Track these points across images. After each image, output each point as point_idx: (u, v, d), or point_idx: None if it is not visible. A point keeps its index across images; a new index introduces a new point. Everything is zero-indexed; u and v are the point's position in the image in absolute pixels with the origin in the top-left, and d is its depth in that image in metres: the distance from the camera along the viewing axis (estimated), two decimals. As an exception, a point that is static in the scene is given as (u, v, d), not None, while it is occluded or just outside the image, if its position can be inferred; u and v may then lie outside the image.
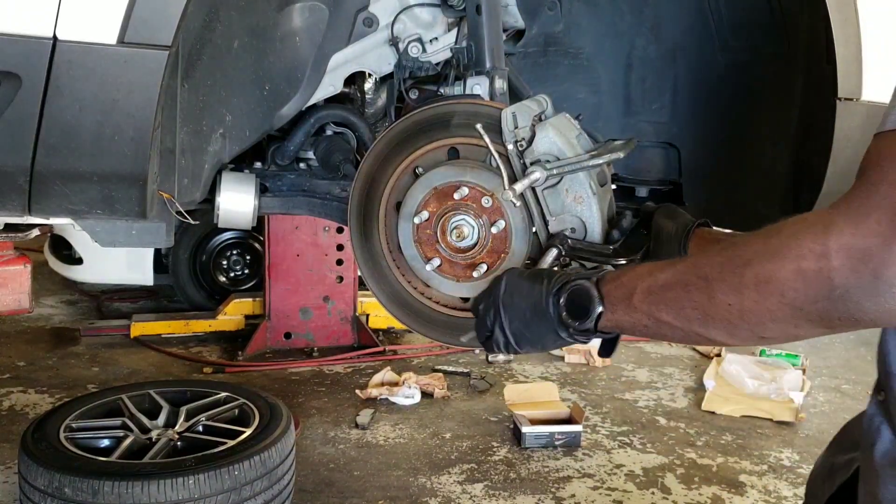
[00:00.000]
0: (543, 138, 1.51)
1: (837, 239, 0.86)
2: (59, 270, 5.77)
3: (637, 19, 2.19)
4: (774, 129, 2.05)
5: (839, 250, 0.85)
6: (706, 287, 0.99)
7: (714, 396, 4.49)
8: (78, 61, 1.39)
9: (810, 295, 0.88)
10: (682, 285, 1.03)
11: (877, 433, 1.05)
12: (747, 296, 0.94)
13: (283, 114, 1.93)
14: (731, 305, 0.96)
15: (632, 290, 1.11)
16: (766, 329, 0.95)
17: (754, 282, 0.93)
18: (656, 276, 1.08)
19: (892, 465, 1.03)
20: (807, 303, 0.89)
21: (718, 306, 0.98)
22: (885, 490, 1.03)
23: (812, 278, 0.87)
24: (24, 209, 1.51)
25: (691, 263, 1.04)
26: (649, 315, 1.08)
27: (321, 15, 1.88)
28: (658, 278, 1.07)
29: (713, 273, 0.99)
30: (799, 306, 0.89)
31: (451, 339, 1.73)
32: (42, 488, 2.65)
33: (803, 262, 0.88)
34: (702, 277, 1.00)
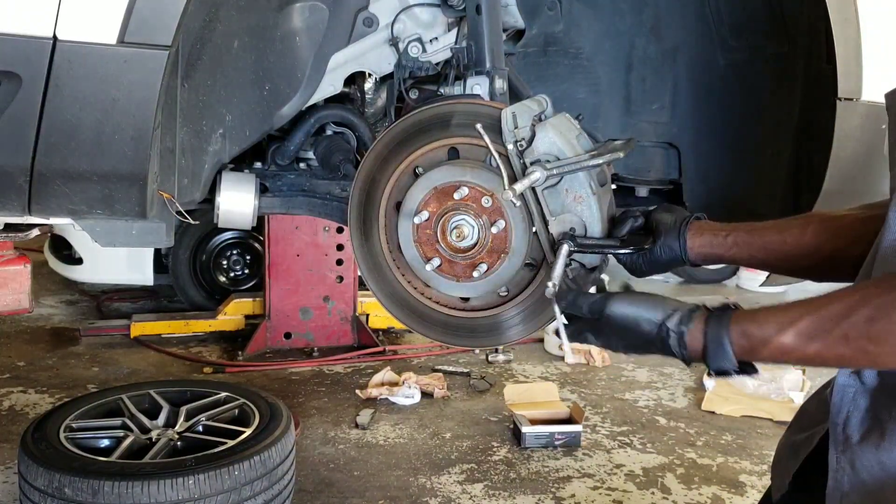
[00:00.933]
0: (543, 138, 1.51)
1: None
2: (59, 270, 5.78)
3: (637, 19, 2.19)
4: (774, 129, 2.05)
5: None
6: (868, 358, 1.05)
7: (714, 396, 4.49)
8: (78, 61, 1.39)
9: None
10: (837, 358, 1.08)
11: (852, 403, 1.12)
12: None
13: (283, 114, 1.93)
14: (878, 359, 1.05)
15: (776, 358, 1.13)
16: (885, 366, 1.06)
17: None
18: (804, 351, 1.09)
19: (868, 433, 1.09)
20: None
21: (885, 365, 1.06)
22: (864, 458, 1.08)
23: None
24: (24, 209, 1.51)
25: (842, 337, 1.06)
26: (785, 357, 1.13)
27: (321, 15, 1.88)
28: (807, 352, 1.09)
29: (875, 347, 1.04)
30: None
31: (451, 339, 1.73)
32: (42, 488, 2.65)
33: None
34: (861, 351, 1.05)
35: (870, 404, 1.11)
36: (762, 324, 1.13)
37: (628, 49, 2.23)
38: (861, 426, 1.11)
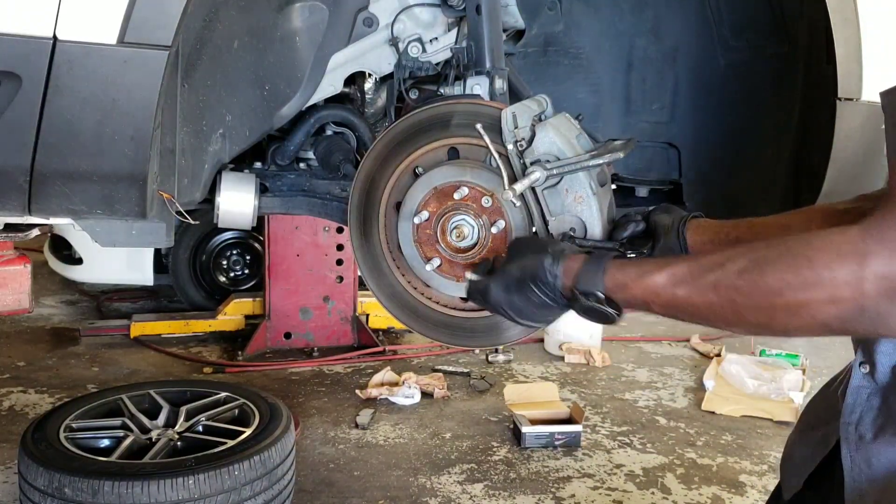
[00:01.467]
0: (543, 138, 1.51)
1: (873, 269, 0.90)
2: (59, 270, 5.78)
3: (637, 19, 2.19)
4: (774, 129, 2.05)
5: (874, 280, 0.90)
6: (733, 307, 1.03)
7: (714, 396, 4.49)
8: (78, 61, 1.39)
9: (842, 318, 0.93)
10: (707, 306, 1.06)
11: (866, 404, 1.11)
12: (778, 318, 0.99)
13: (283, 114, 1.93)
14: (761, 323, 1.01)
15: (648, 302, 1.14)
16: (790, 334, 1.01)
17: (785, 308, 0.97)
18: (675, 293, 1.10)
19: (882, 430, 1.09)
20: (837, 322, 0.94)
21: (748, 323, 1.03)
22: (880, 455, 1.08)
23: (845, 305, 0.92)
24: (24, 209, 1.51)
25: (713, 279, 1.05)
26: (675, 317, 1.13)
27: (321, 15, 1.87)
28: (678, 294, 1.09)
29: (741, 298, 1.01)
30: (828, 324, 0.95)
31: (451, 339, 1.73)
32: (42, 488, 2.65)
33: (837, 292, 0.93)
34: (729, 300, 1.03)
35: (882, 402, 1.11)
36: (640, 264, 1.17)
37: (628, 49, 2.23)
38: (874, 424, 1.11)
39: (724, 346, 5.34)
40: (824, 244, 0.95)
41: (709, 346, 5.43)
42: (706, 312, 1.06)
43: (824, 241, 0.96)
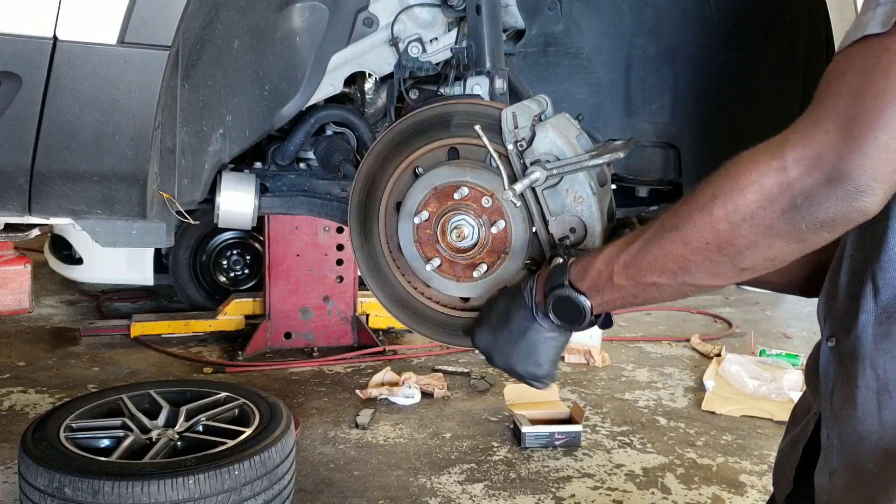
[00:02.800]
0: (543, 138, 1.51)
1: (792, 152, 0.93)
2: (59, 270, 5.78)
3: (637, 19, 2.19)
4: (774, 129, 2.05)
5: (795, 161, 0.93)
6: (679, 235, 1.05)
7: (714, 396, 4.49)
8: (78, 61, 1.39)
9: (776, 209, 0.94)
10: (656, 245, 1.09)
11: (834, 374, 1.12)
12: (721, 230, 0.99)
13: (283, 114, 1.93)
14: (709, 244, 1.01)
15: (610, 273, 1.17)
16: (744, 258, 1.00)
17: (724, 214, 0.99)
18: (629, 249, 1.13)
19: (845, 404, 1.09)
20: (775, 218, 0.95)
21: (697, 250, 1.03)
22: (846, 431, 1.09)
23: (775, 193, 0.94)
24: (24, 209, 1.51)
25: (658, 222, 1.09)
26: (635, 284, 1.14)
27: (321, 15, 1.87)
28: (632, 249, 1.13)
29: (682, 221, 1.04)
30: (769, 224, 0.95)
31: (451, 339, 1.73)
32: (42, 488, 2.65)
33: (765, 181, 0.95)
34: (673, 229, 1.06)
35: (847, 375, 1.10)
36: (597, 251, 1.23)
37: (628, 49, 2.22)
38: (841, 398, 1.11)
39: (724, 346, 5.35)
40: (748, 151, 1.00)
41: (709, 346, 5.43)
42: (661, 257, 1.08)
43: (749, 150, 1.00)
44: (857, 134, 0.89)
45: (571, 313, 1.25)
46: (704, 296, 7.07)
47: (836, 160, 0.89)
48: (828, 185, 0.90)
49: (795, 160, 0.93)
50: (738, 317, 6.37)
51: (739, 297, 7.02)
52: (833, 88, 0.93)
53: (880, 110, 0.88)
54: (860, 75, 0.91)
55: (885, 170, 0.89)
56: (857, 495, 1.08)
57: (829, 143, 0.90)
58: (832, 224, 0.93)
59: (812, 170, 0.91)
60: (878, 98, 0.88)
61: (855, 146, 0.88)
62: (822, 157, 0.91)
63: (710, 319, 6.31)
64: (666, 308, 6.37)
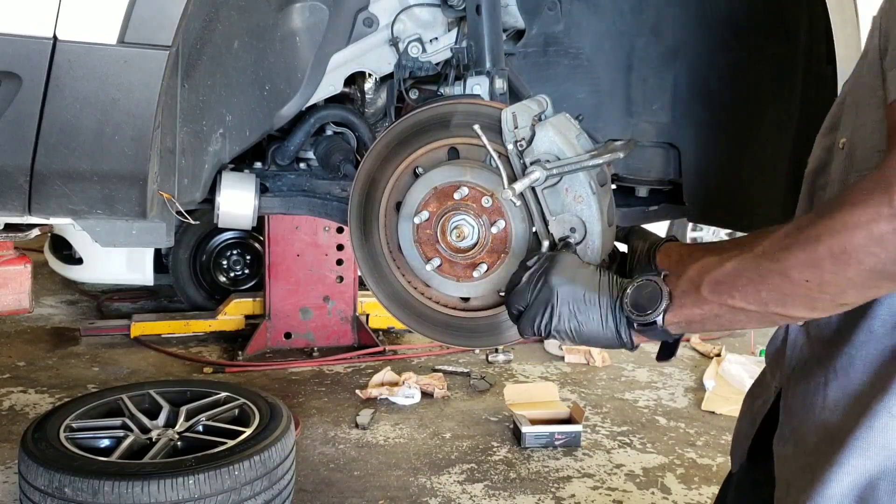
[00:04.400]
0: (543, 138, 1.51)
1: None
2: (59, 270, 5.78)
3: (637, 19, 2.19)
4: (774, 129, 2.05)
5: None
6: (780, 268, 1.02)
7: (714, 396, 4.49)
8: (78, 61, 1.39)
9: (889, 256, 0.92)
10: (753, 270, 1.05)
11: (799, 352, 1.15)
12: (826, 269, 0.97)
13: (283, 114, 1.93)
14: (809, 282, 0.99)
15: (699, 283, 1.12)
16: (846, 296, 0.99)
17: (829, 255, 0.96)
18: (723, 266, 1.10)
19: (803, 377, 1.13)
20: (887, 263, 0.93)
21: (796, 284, 1.01)
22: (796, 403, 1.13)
23: (888, 239, 0.91)
24: (24, 209, 1.51)
25: (759, 249, 1.06)
26: (721, 304, 1.10)
27: (321, 15, 1.87)
28: (726, 267, 1.09)
29: (784, 253, 1.01)
30: (879, 269, 0.93)
31: (451, 339, 1.73)
32: (42, 488, 2.66)
33: (875, 227, 0.92)
34: (774, 260, 1.02)
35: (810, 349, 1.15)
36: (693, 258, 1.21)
37: (629, 49, 2.22)
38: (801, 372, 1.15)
39: (723, 346, 5.35)
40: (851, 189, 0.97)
41: (709, 346, 5.43)
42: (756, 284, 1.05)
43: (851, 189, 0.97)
44: None
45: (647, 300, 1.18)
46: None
47: None
48: None
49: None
50: (738, 317, 6.36)
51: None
52: None
53: None
54: None
55: None
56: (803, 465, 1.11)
57: None
58: None
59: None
60: None
61: None
62: None
63: (710, 319, 6.31)
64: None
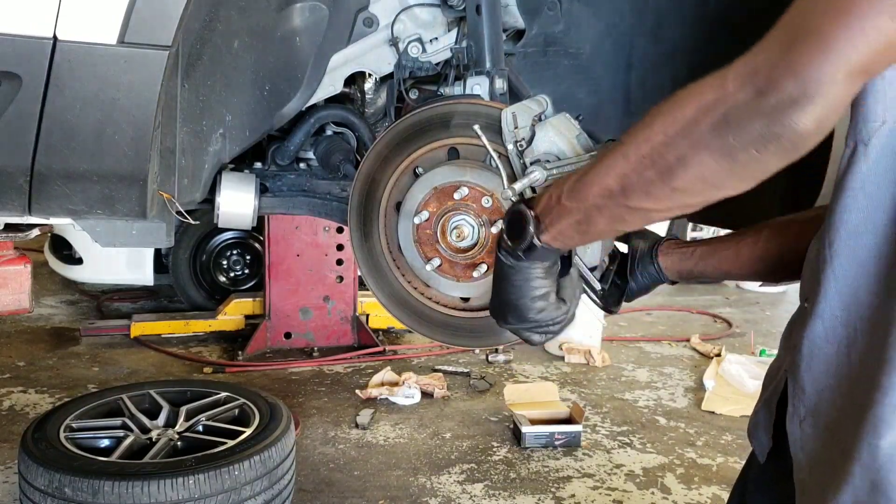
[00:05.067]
0: (543, 138, 1.51)
1: (734, 69, 0.92)
2: (59, 270, 5.78)
3: (637, 20, 2.19)
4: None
5: (734, 76, 0.92)
6: (620, 150, 1.05)
7: (714, 396, 4.50)
8: (78, 61, 1.39)
9: (708, 121, 0.94)
10: (600, 162, 1.09)
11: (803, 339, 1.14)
12: (656, 141, 1.00)
13: (283, 114, 1.93)
14: (644, 157, 1.01)
15: (559, 195, 1.16)
16: (675, 176, 0.99)
17: (661, 127, 0.99)
18: (577, 173, 1.14)
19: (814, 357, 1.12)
20: (705, 131, 0.94)
21: (633, 164, 1.03)
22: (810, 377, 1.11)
23: (710, 105, 0.93)
24: (24, 209, 1.51)
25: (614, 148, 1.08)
26: (580, 206, 1.12)
27: (321, 15, 1.87)
28: (579, 171, 1.13)
29: (626, 136, 1.05)
30: (699, 137, 0.95)
31: (451, 339, 1.73)
32: (42, 488, 2.65)
33: (703, 96, 0.95)
34: (617, 145, 1.06)
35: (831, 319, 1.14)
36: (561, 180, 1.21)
37: (629, 49, 2.22)
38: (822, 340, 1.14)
39: (724, 346, 5.35)
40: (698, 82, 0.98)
41: (709, 346, 5.43)
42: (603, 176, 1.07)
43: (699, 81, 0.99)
44: (794, 48, 0.87)
45: (517, 227, 1.22)
46: (704, 296, 7.07)
47: (769, 72, 0.88)
48: (757, 97, 0.89)
49: (735, 75, 0.92)
50: (738, 317, 6.37)
51: (739, 297, 7.03)
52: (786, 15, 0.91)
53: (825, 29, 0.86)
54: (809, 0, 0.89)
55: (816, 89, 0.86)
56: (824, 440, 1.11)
57: (767, 57, 0.89)
58: (761, 142, 0.91)
59: (746, 83, 0.90)
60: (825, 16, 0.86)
61: (789, 59, 0.87)
62: (758, 70, 0.90)
63: (710, 319, 6.31)
64: (666, 308, 6.38)
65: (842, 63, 0.86)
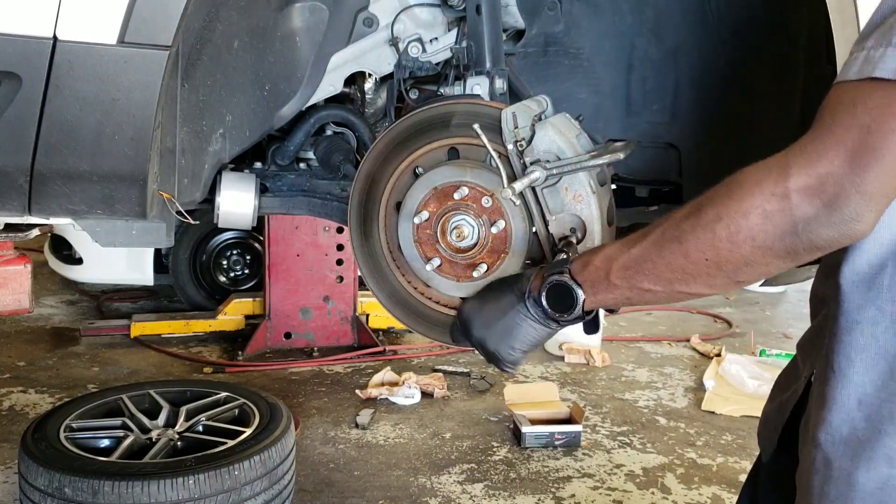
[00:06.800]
0: (543, 137, 1.51)
1: (795, 179, 0.98)
2: (59, 270, 5.78)
3: (638, 19, 2.19)
4: (775, 129, 2.05)
5: (798, 189, 0.98)
6: (680, 249, 1.10)
7: (714, 396, 4.49)
8: (78, 61, 1.39)
9: (777, 233, 1.00)
10: (657, 254, 1.13)
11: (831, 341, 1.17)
12: (722, 248, 1.05)
13: (283, 114, 1.93)
14: (708, 260, 1.07)
15: (607, 271, 1.21)
16: (741, 274, 1.07)
17: (726, 235, 1.04)
18: (629, 252, 1.17)
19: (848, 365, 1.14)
20: (776, 241, 1.01)
21: (696, 264, 1.09)
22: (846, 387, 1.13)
23: (777, 218, 1.00)
24: (24, 209, 1.51)
25: (660, 231, 1.13)
26: (631, 288, 1.19)
27: (321, 15, 1.87)
28: (632, 253, 1.17)
29: (685, 235, 1.09)
30: (769, 246, 1.01)
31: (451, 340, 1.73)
32: (42, 488, 2.65)
33: (767, 206, 1.00)
34: (674, 241, 1.10)
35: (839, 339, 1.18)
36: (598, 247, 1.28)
37: (629, 49, 2.22)
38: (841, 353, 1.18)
39: (723, 346, 5.35)
40: (754, 167, 1.03)
41: (709, 346, 5.43)
42: (658, 262, 1.12)
43: (754, 165, 1.04)
44: (861, 167, 0.94)
45: (564, 301, 1.28)
46: (704, 296, 7.06)
47: (838, 190, 0.96)
48: (827, 213, 0.97)
49: (798, 188, 0.98)
50: (738, 317, 6.36)
51: (739, 297, 7.02)
52: (842, 120, 0.97)
53: (886, 148, 0.94)
54: (873, 113, 0.95)
55: (880, 201, 0.96)
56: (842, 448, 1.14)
57: (833, 173, 0.96)
58: (827, 246, 1.00)
59: (813, 198, 0.97)
60: (887, 137, 0.94)
61: (858, 179, 0.94)
62: (824, 186, 0.96)
63: (710, 319, 6.31)
64: (666, 308, 6.37)
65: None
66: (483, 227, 1.56)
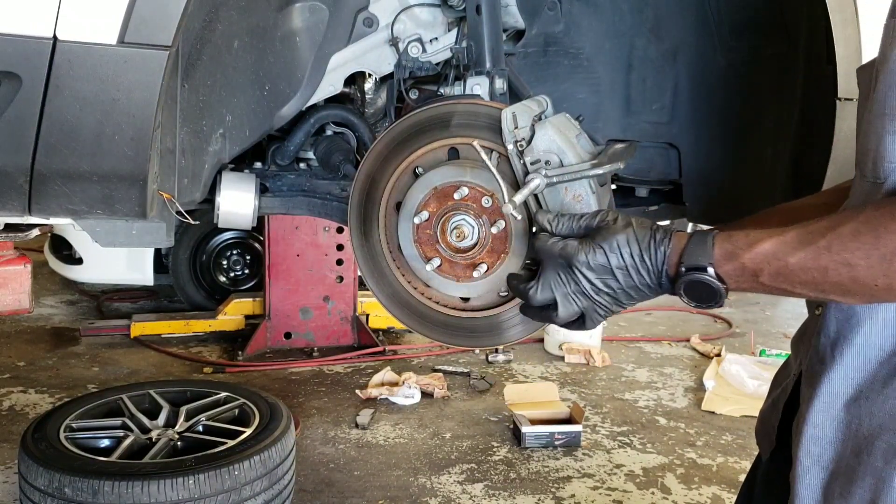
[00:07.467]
0: (543, 137, 1.51)
1: None
2: (59, 270, 5.78)
3: (637, 19, 2.19)
4: (775, 129, 2.05)
5: None
6: (850, 273, 1.04)
7: (714, 396, 4.49)
8: (78, 61, 1.39)
9: None
10: (819, 270, 1.06)
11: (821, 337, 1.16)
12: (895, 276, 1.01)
13: (283, 114, 1.92)
14: (878, 286, 1.03)
15: (758, 272, 1.12)
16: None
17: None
18: (787, 261, 1.09)
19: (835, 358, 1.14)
20: None
21: (864, 286, 1.04)
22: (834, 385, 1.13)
23: None
24: (24, 209, 1.51)
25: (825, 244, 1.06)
26: (782, 290, 1.11)
27: (321, 15, 1.87)
28: (790, 263, 1.08)
29: (857, 260, 1.03)
30: None
31: (450, 339, 1.73)
32: (42, 488, 2.66)
33: None
34: (845, 264, 1.04)
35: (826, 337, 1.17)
36: (749, 232, 1.15)
37: (629, 49, 2.22)
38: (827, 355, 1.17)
39: (724, 346, 5.35)
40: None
41: (709, 346, 5.43)
42: (819, 278, 1.06)
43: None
44: None
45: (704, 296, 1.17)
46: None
47: None
48: None
49: None
50: (738, 317, 6.37)
51: (739, 297, 7.02)
52: None
53: None
54: None
55: None
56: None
57: None
58: None
59: None
60: None
61: None
62: None
63: (710, 319, 6.31)
64: (666, 308, 6.37)
65: None
66: (483, 227, 1.56)
